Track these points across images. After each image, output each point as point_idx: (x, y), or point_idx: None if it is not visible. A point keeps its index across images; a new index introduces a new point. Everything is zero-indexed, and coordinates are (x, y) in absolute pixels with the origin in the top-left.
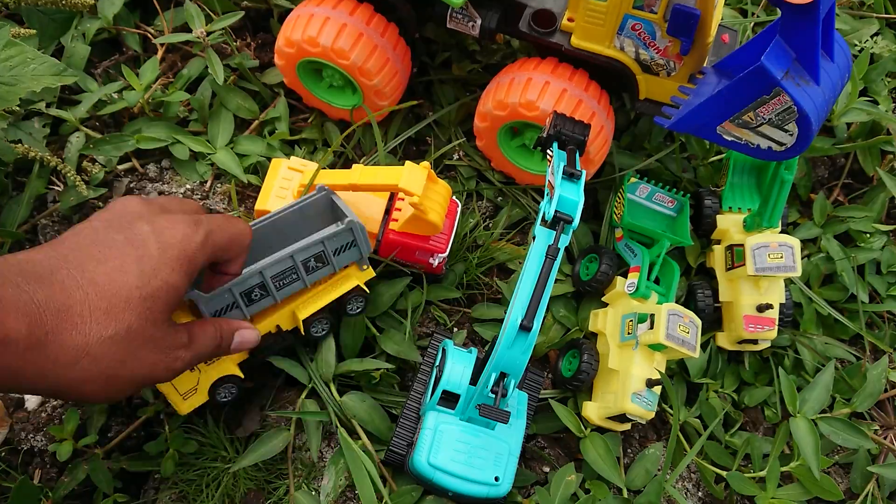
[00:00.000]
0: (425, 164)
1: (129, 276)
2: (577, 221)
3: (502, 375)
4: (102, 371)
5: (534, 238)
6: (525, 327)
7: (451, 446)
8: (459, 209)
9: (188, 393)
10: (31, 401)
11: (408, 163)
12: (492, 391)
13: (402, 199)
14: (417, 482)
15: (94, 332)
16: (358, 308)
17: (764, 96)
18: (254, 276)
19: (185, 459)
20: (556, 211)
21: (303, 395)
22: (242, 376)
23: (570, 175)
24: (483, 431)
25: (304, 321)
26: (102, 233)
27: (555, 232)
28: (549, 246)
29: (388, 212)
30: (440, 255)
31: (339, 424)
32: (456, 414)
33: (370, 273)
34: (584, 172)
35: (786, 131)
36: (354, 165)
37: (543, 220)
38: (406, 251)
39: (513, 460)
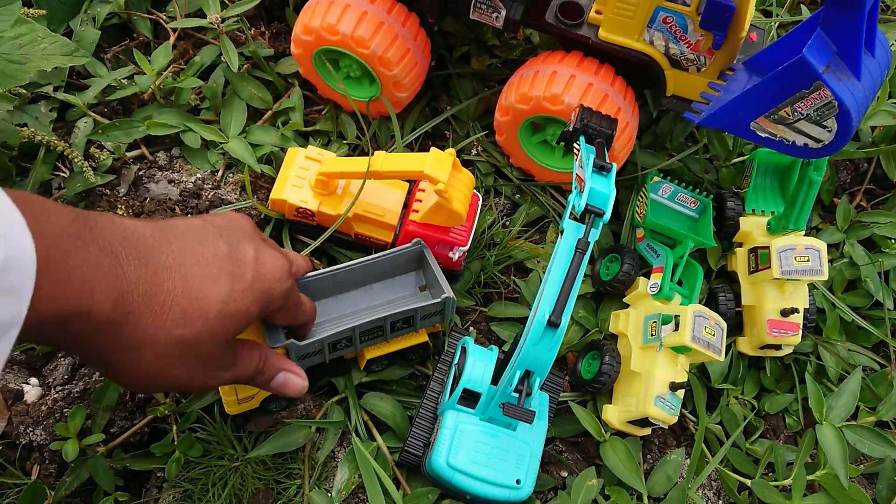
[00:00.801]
0: (451, 151)
1: (220, 288)
2: (608, 214)
3: (527, 373)
4: (153, 365)
5: (562, 232)
6: (553, 323)
7: (471, 447)
8: (480, 202)
9: (245, 399)
10: (31, 393)
11: (433, 149)
12: (516, 390)
13: (423, 191)
14: (434, 484)
15: (167, 328)
16: (416, 356)
17: (803, 90)
18: (346, 332)
19: (190, 458)
20: (587, 204)
21: (332, 401)
22: None
23: (601, 168)
24: (504, 432)
25: (368, 360)
26: (212, 237)
27: (584, 226)
28: (579, 239)
29: (405, 205)
30: (461, 248)
31: (357, 427)
32: (476, 413)
33: (438, 328)
34: (615, 165)
35: (824, 127)
36: (376, 152)
37: (573, 214)
38: (426, 243)
39: (535, 463)
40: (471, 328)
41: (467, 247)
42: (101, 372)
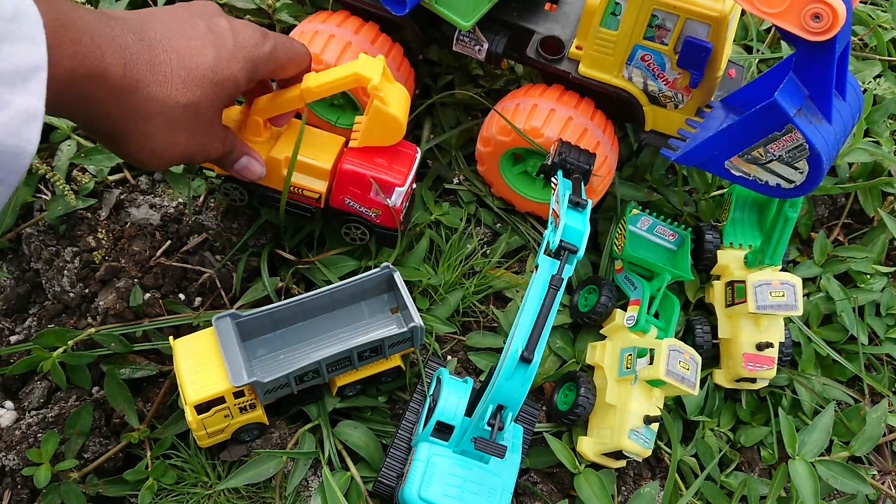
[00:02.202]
0: (380, 56)
1: (207, 58)
2: (581, 251)
3: (499, 408)
4: (168, 135)
5: (536, 267)
6: (525, 359)
7: (443, 479)
8: (419, 155)
9: (215, 433)
10: (6, 417)
11: (362, 54)
12: (488, 424)
13: (355, 135)
14: None
15: (174, 96)
16: (391, 380)
17: (775, 132)
18: (312, 365)
19: (163, 485)
20: (560, 240)
21: (304, 429)
22: (268, 423)
23: (576, 204)
24: (477, 465)
25: (339, 387)
26: (186, 16)
27: (558, 261)
28: (553, 276)
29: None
30: (399, 189)
31: (331, 456)
32: (449, 446)
33: (411, 350)
34: (590, 202)
35: (796, 169)
36: (305, 75)
37: (547, 250)
38: (361, 186)
39: (507, 496)
40: (449, 357)
41: (405, 186)
42: (118, 151)
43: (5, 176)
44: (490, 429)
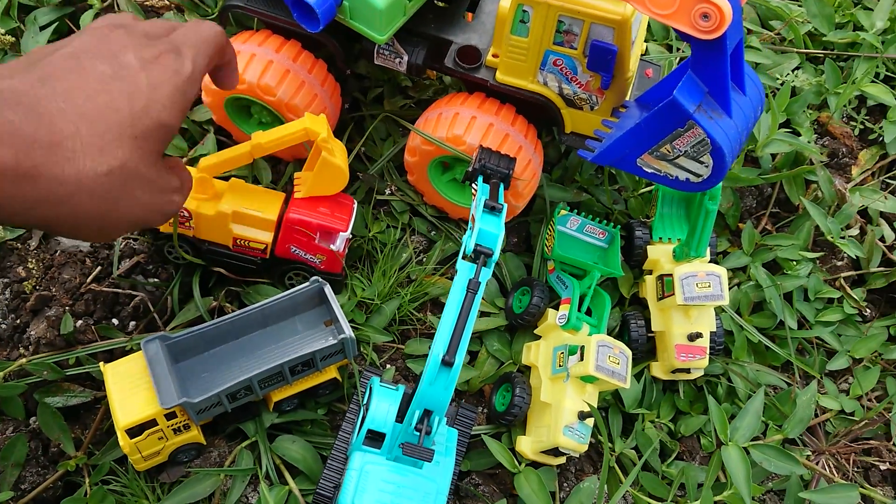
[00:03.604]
0: (323, 115)
1: (121, 113)
2: (497, 254)
3: (426, 412)
4: (98, 208)
5: (456, 272)
6: (447, 362)
7: (376, 487)
8: (356, 205)
9: (151, 456)
10: None
11: (307, 114)
12: (416, 429)
13: (299, 187)
14: None
15: (90, 167)
16: (328, 392)
17: (678, 129)
18: (243, 382)
19: None
20: (476, 244)
21: (242, 446)
22: (205, 443)
23: (492, 208)
24: (411, 471)
25: (275, 402)
26: (87, 62)
27: (475, 265)
28: (470, 280)
29: (285, 205)
30: (343, 234)
31: (269, 471)
32: (382, 453)
33: (345, 361)
34: (505, 206)
35: (701, 163)
36: (254, 133)
37: (465, 254)
38: (307, 233)
39: (441, 499)
40: (388, 366)
41: (348, 232)
42: (68, 236)
43: None
44: (419, 434)
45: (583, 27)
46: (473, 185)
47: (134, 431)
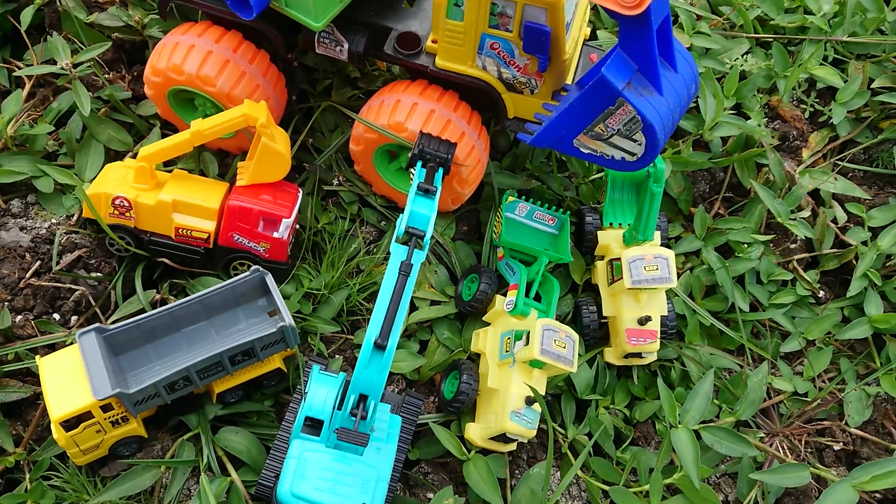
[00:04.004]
0: (263, 102)
1: None
2: (429, 234)
3: (362, 397)
4: None
5: (388, 256)
6: (379, 346)
7: (315, 474)
8: (301, 194)
9: (90, 450)
10: None
11: (247, 100)
12: (351, 414)
13: (241, 175)
14: None
15: None
16: (273, 383)
17: (609, 107)
18: (180, 372)
19: None
20: (407, 226)
21: (183, 438)
22: (147, 436)
23: (426, 191)
24: (351, 458)
25: (218, 394)
26: None
27: (407, 248)
28: (402, 262)
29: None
30: (286, 220)
31: (211, 463)
32: (321, 441)
33: (291, 351)
34: (439, 188)
35: (634, 141)
36: (193, 121)
37: (398, 237)
38: (249, 221)
39: (382, 486)
40: (336, 356)
41: (291, 219)
42: None
43: None
44: (355, 419)
45: (516, 9)
46: (412, 170)
47: (69, 424)
